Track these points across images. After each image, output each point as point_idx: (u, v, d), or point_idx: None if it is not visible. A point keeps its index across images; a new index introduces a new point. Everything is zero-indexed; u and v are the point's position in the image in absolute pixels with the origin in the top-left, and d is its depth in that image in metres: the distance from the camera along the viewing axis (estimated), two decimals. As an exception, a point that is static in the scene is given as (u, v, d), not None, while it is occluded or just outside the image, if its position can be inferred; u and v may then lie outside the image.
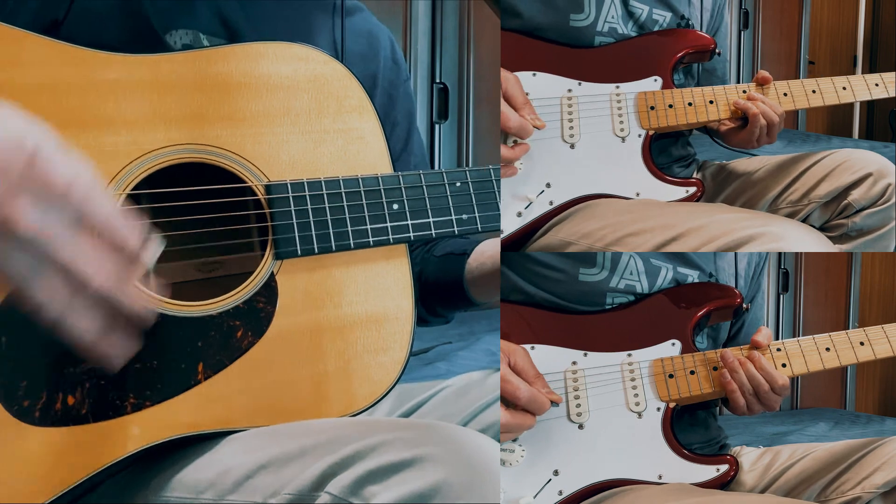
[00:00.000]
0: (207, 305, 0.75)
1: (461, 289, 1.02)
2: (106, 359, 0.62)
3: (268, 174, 0.78)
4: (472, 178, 0.84)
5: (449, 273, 1.03)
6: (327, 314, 0.79)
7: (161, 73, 0.76)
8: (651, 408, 0.85)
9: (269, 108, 0.79)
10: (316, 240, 0.78)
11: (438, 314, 1.08)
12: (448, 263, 1.03)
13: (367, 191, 0.81)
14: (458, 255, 1.03)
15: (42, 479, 0.68)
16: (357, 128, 0.83)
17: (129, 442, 0.71)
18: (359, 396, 0.80)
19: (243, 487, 0.69)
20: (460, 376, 0.99)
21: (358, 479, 0.62)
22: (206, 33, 0.88)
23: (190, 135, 0.76)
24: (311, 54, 0.82)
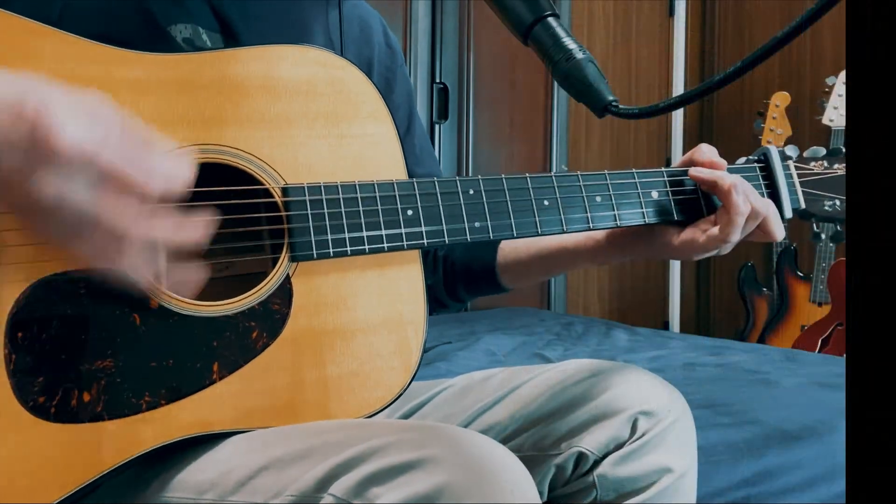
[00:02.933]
0: (224, 306, 0.75)
1: (492, 274, 1.02)
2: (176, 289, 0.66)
3: (284, 177, 0.79)
4: (485, 187, 0.85)
5: (479, 258, 1.03)
6: (341, 317, 0.80)
7: (180, 73, 0.76)
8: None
9: (287, 112, 0.80)
10: (331, 243, 0.79)
11: (460, 299, 1.08)
12: (478, 248, 1.04)
13: (382, 196, 0.81)
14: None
15: (57, 475, 0.68)
16: (373, 133, 0.84)
17: (143, 440, 0.71)
18: (371, 399, 0.81)
19: (245, 488, 0.69)
20: (461, 377, 1.00)
21: (361, 481, 0.63)
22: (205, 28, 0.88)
23: (208, 135, 0.76)
24: (329, 59, 0.83)
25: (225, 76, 0.78)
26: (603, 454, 0.86)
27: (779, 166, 0.96)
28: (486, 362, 1.89)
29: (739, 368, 1.83)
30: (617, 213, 0.90)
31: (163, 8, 0.86)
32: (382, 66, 1.07)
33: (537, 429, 0.88)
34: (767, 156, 0.97)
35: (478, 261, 1.03)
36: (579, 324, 2.52)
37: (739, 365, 1.87)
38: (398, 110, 1.08)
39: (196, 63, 0.77)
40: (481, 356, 1.96)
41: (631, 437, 0.86)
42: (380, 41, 1.07)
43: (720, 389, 1.57)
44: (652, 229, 0.93)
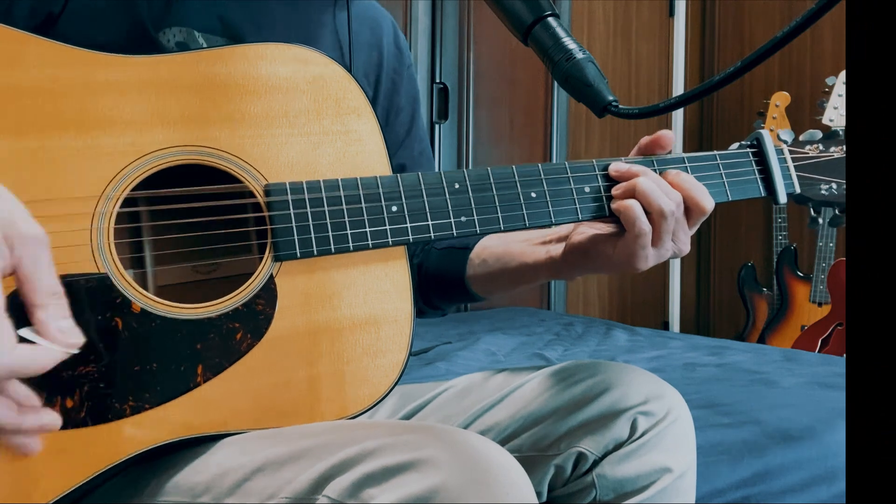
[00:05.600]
0: (207, 308, 0.75)
1: (461, 283, 1.02)
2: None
3: (266, 176, 0.78)
4: (471, 181, 0.84)
5: (450, 267, 1.03)
6: (326, 316, 0.79)
7: (160, 75, 0.76)
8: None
9: (268, 110, 0.79)
10: (315, 242, 0.78)
11: (436, 307, 1.08)
12: (450, 257, 1.03)
13: (365, 193, 0.80)
14: (459, 249, 1.03)
15: (41, 481, 0.68)
16: (356, 129, 0.83)
17: (128, 445, 0.71)
18: (358, 399, 0.80)
19: (240, 490, 0.69)
20: (462, 377, 0.99)
21: (356, 482, 0.62)
22: (202, 31, 0.88)
23: (189, 136, 0.76)
24: (311, 56, 0.82)
25: (205, 76, 0.77)
26: (602, 454, 0.86)
27: (772, 150, 0.94)
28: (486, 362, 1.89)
29: (739, 368, 1.83)
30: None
31: (155, 12, 0.85)
32: (390, 67, 1.06)
33: (537, 429, 0.88)
34: (760, 140, 0.95)
35: (449, 270, 1.03)
36: (579, 324, 2.52)
37: (739, 365, 1.87)
38: (401, 112, 1.07)
39: (177, 64, 0.77)
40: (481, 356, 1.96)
41: (630, 437, 0.86)
42: (389, 42, 1.07)
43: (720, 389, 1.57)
44: (591, 241, 0.90)
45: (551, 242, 0.96)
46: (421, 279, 1.05)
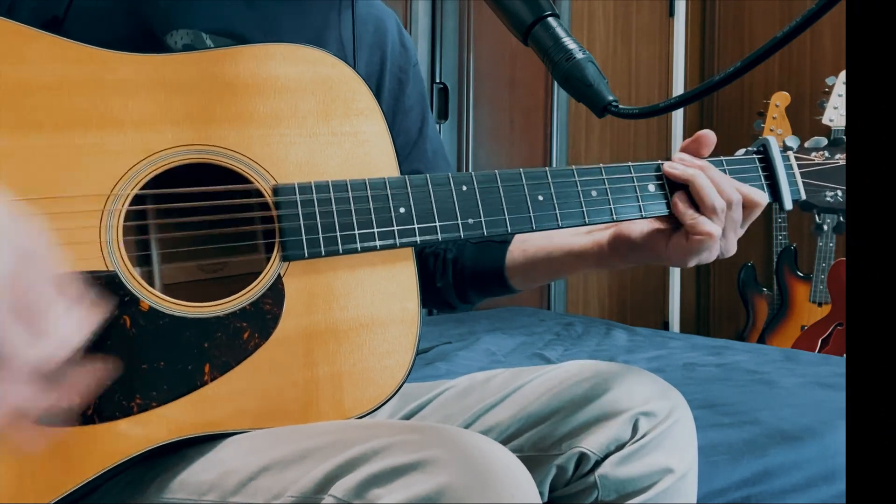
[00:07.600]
0: (215, 306, 0.75)
1: (500, 276, 1.02)
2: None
3: (275, 176, 0.78)
4: (479, 183, 0.84)
5: (489, 261, 1.03)
6: (333, 317, 0.79)
7: (169, 74, 0.76)
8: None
9: (277, 110, 0.79)
10: (323, 242, 0.78)
11: (469, 300, 1.08)
12: (488, 250, 1.04)
13: (374, 194, 0.80)
14: (497, 242, 1.03)
15: (48, 478, 0.68)
16: (364, 131, 0.83)
17: (134, 443, 0.71)
18: (364, 399, 0.80)
19: (246, 489, 0.69)
20: (463, 377, 1.00)
21: (362, 482, 0.62)
22: (210, 32, 0.88)
23: (197, 135, 0.76)
24: (320, 57, 0.82)
25: (214, 76, 0.77)
26: (604, 455, 0.86)
27: (778, 157, 0.95)
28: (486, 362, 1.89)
29: (739, 368, 1.83)
30: (613, 207, 0.89)
31: (162, 14, 0.86)
32: (395, 66, 1.06)
33: (538, 429, 0.88)
34: (766, 147, 0.96)
35: (488, 263, 1.03)
36: (579, 324, 2.52)
37: (739, 365, 1.87)
38: (410, 111, 1.07)
39: (186, 63, 0.77)
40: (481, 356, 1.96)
41: (632, 438, 0.86)
42: (394, 40, 1.06)
43: (720, 389, 1.57)
44: (644, 235, 0.92)
45: (598, 231, 0.96)
46: (456, 274, 1.05)
